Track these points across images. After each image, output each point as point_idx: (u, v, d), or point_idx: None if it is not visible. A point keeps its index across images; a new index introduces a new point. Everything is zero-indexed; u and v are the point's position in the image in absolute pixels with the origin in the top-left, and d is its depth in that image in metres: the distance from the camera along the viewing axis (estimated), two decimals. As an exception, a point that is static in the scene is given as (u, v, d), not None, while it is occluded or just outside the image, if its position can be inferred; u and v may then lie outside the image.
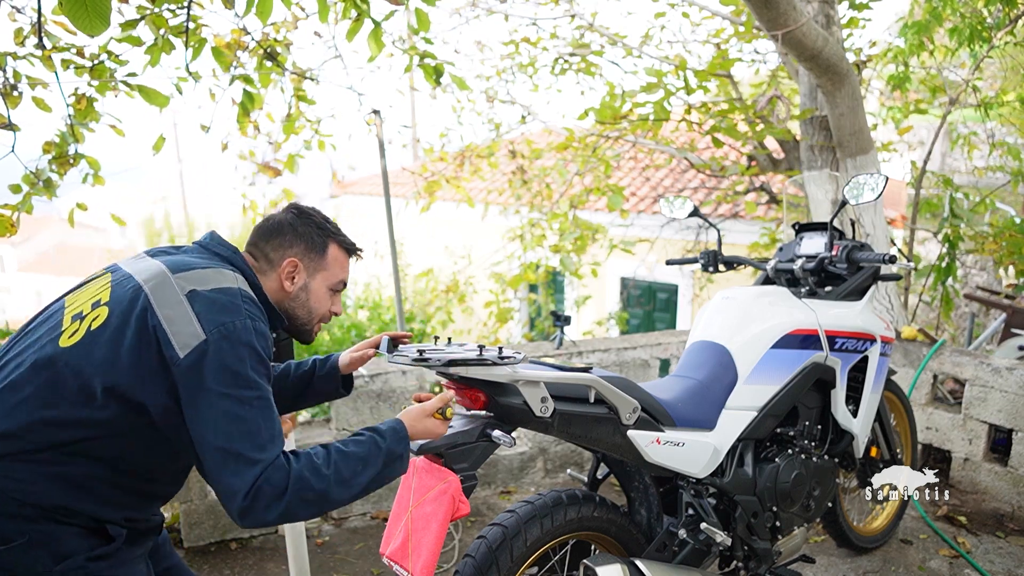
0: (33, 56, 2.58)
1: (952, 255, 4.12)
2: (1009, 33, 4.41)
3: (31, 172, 2.74)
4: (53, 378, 1.21)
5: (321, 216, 1.50)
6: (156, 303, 1.24)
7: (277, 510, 1.21)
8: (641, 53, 5.80)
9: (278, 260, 1.44)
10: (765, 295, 2.15)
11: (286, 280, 1.44)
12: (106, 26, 1.61)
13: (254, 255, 1.45)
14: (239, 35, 3.29)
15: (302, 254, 1.45)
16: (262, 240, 1.46)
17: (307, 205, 1.52)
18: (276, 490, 1.21)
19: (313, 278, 1.47)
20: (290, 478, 1.22)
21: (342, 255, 1.51)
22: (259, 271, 1.44)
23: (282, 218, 1.47)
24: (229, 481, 1.20)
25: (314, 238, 1.46)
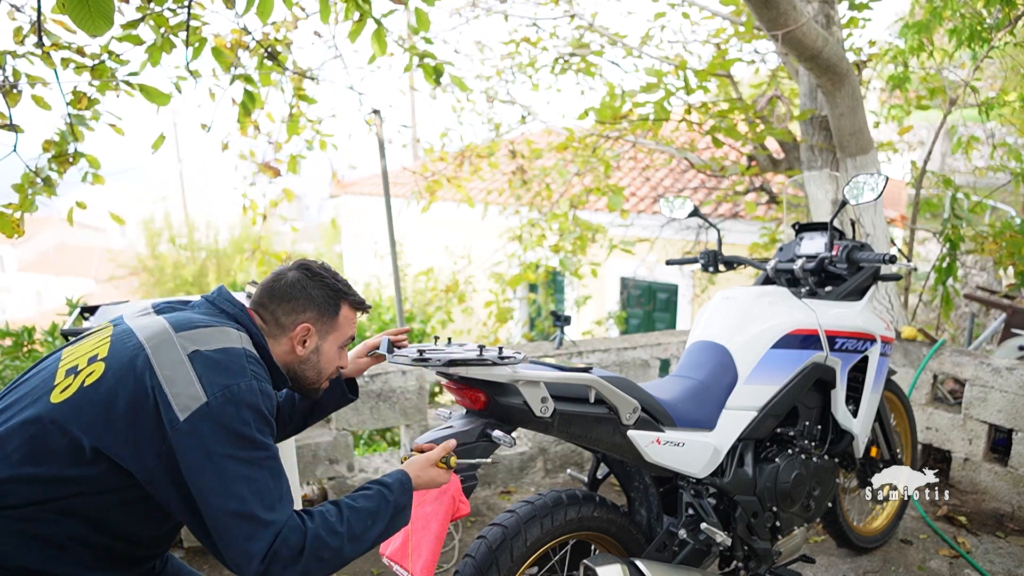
0: (32, 54, 2.58)
1: (952, 255, 4.12)
2: (1009, 33, 4.41)
3: (31, 170, 2.74)
4: (40, 434, 1.17)
5: (331, 275, 1.48)
6: (157, 363, 1.21)
7: (294, 571, 1.18)
8: (641, 53, 5.81)
9: (290, 325, 1.41)
10: (765, 295, 2.15)
11: (298, 345, 1.42)
12: (109, 26, 1.60)
13: (263, 317, 1.42)
14: (240, 35, 3.29)
15: (315, 319, 1.43)
16: (273, 303, 1.43)
17: (316, 262, 1.50)
18: (293, 551, 1.18)
19: (325, 340, 1.45)
20: (307, 538, 1.20)
21: (352, 313, 1.49)
22: (268, 334, 1.41)
23: (294, 279, 1.43)
24: (243, 546, 1.16)
25: (327, 301, 1.44)
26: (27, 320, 8.16)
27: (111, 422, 1.18)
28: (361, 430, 3.35)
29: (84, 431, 1.17)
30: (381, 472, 3.10)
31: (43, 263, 27.23)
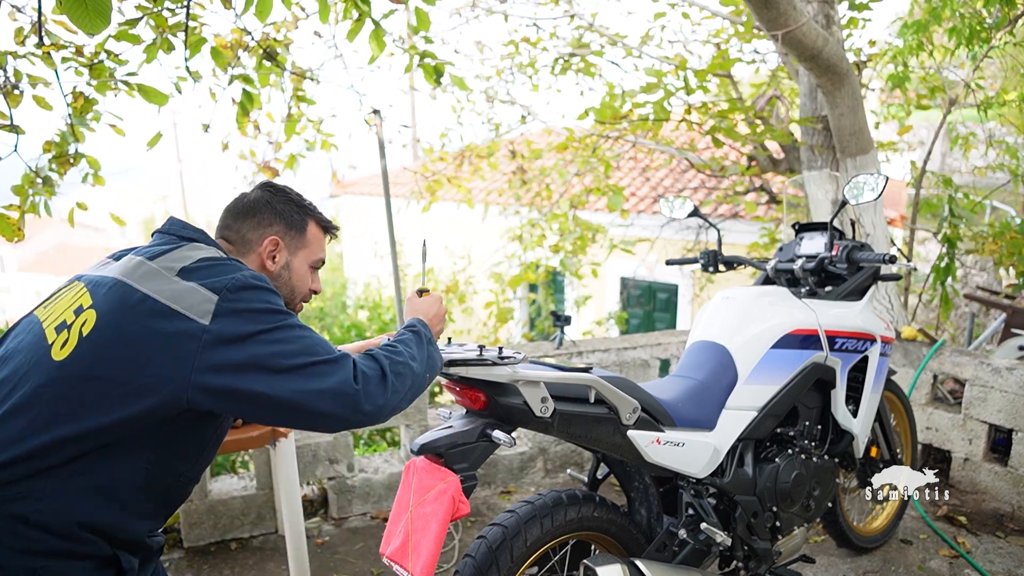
0: (33, 55, 2.58)
1: (952, 255, 4.12)
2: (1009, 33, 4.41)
3: (31, 171, 2.74)
4: (60, 394, 1.14)
5: (296, 193, 1.46)
6: (152, 291, 1.18)
7: (387, 388, 1.24)
8: (641, 53, 5.81)
9: (257, 240, 1.39)
10: (765, 295, 2.15)
11: (267, 259, 1.40)
12: (106, 24, 1.61)
13: (229, 238, 1.40)
14: (239, 35, 3.29)
15: (283, 232, 1.41)
16: (237, 221, 1.40)
17: (280, 183, 1.48)
18: (375, 372, 1.24)
19: (295, 256, 1.43)
20: (377, 358, 1.26)
21: (321, 233, 1.48)
22: (237, 254, 1.38)
23: (257, 196, 1.42)
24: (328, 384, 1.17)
25: (293, 216, 1.42)
26: (27, 320, 8.06)
27: (130, 359, 1.14)
28: (361, 430, 3.35)
29: (105, 375, 1.14)
30: (381, 472, 3.10)
31: (43, 263, 27.23)
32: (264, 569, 2.64)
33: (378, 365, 1.26)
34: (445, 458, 1.51)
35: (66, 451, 1.13)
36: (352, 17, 2.78)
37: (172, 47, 2.86)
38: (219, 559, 2.70)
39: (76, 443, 1.13)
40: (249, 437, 2.22)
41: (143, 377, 1.14)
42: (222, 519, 2.81)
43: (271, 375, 1.16)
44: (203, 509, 2.77)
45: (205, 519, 2.78)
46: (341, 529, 2.95)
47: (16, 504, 1.11)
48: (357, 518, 3.04)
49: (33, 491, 1.11)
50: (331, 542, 2.84)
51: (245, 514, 2.84)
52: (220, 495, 2.83)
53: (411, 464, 1.54)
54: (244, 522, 2.85)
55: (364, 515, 3.05)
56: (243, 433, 2.22)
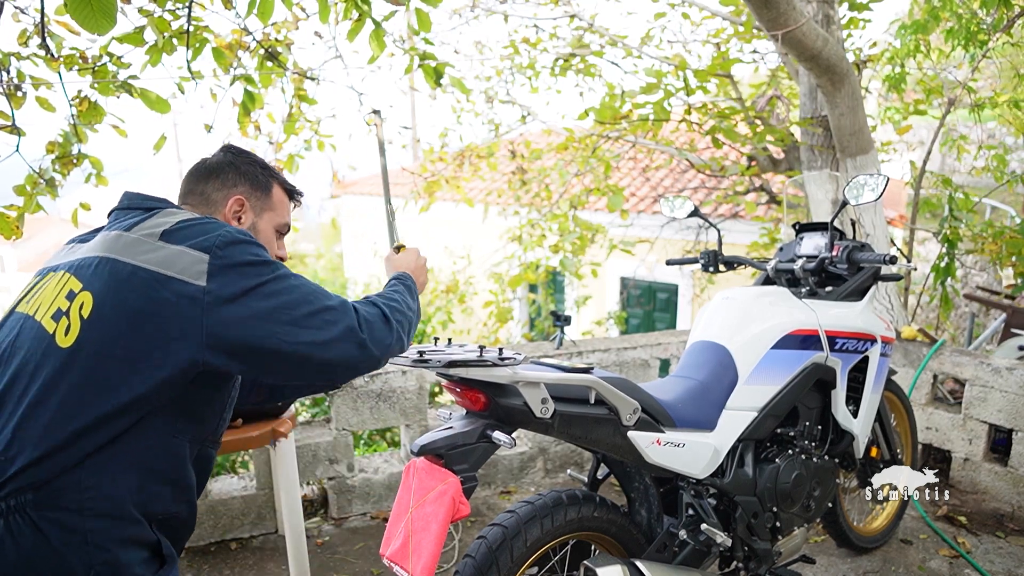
0: (36, 56, 2.58)
1: (952, 255, 4.12)
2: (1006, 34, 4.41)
3: (35, 172, 2.74)
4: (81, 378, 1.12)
5: (259, 157, 1.45)
6: (140, 260, 1.15)
7: (392, 331, 1.26)
8: (641, 54, 5.81)
9: (222, 200, 1.36)
10: (765, 295, 2.15)
11: (232, 220, 1.36)
12: (112, 24, 1.60)
13: (192, 202, 1.36)
14: (240, 35, 3.29)
15: (248, 192, 1.38)
16: (200, 183, 1.37)
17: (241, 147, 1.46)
18: (378, 315, 1.26)
19: (260, 218, 1.40)
20: (377, 304, 1.28)
21: (285, 198, 1.47)
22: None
23: (220, 158, 1.40)
24: (335, 333, 1.18)
25: (258, 176, 1.40)
26: (27, 320, 8.03)
27: (137, 333, 1.13)
28: (361, 430, 3.35)
29: (117, 353, 1.13)
30: (381, 472, 3.11)
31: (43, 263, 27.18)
32: (264, 569, 2.64)
33: (378, 309, 1.27)
34: (445, 459, 1.51)
35: (100, 434, 1.12)
36: (352, 17, 2.79)
37: (174, 49, 2.86)
38: (219, 559, 2.71)
39: (107, 424, 1.12)
40: (249, 437, 2.22)
41: (155, 347, 1.13)
42: (222, 519, 2.81)
43: (278, 328, 1.15)
44: (203, 509, 2.77)
45: (205, 519, 2.79)
46: (341, 529, 2.95)
47: (66, 497, 1.10)
48: (357, 518, 3.04)
49: (80, 480, 1.11)
50: (331, 542, 2.84)
51: (245, 514, 2.85)
52: (220, 495, 2.83)
53: (411, 465, 1.54)
54: (244, 522, 2.85)
55: (364, 515, 3.06)
56: (243, 433, 2.22)
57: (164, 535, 1.24)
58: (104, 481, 1.13)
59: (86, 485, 1.12)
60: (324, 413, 4.42)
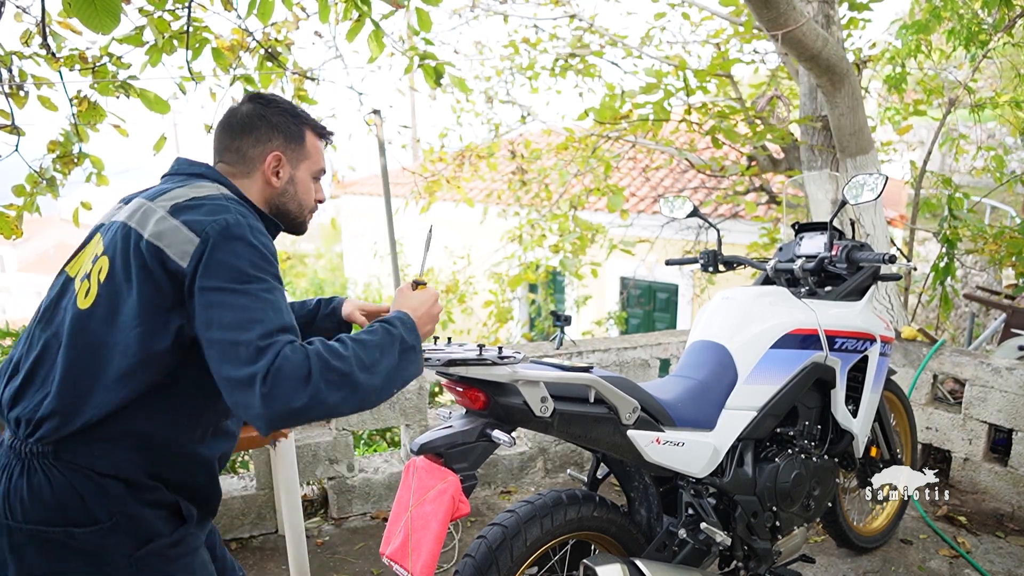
0: (38, 55, 2.59)
1: (951, 255, 4.12)
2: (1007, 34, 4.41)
3: (35, 172, 2.75)
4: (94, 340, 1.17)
5: (287, 102, 1.42)
6: (145, 231, 1.19)
7: (305, 392, 1.09)
8: (641, 54, 5.81)
9: (259, 157, 1.36)
10: (765, 295, 2.15)
11: (272, 176, 1.36)
12: (116, 24, 1.60)
13: (228, 160, 1.37)
14: (241, 35, 3.30)
15: (283, 146, 1.37)
16: (236, 140, 1.36)
17: (267, 92, 1.44)
18: (298, 369, 1.09)
19: (297, 169, 1.40)
20: (310, 356, 1.11)
21: (318, 141, 1.44)
22: (240, 175, 1.36)
23: (250, 110, 1.37)
24: (241, 372, 1.08)
25: (291, 127, 1.38)
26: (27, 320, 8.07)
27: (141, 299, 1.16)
28: (361, 430, 3.35)
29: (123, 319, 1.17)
30: (381, 472, 3.11)
31: (43, 263, 27.23)
32: (264, 569, 2.64)
33: (307, 366, 1.10)
34: (445, 458, 1.51)
35: (109, 398, 1.16)
36: (352, 17, 2.79)
37: (174, 49, 2.87)
38: (219, 559, 2.70)
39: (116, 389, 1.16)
40: (249, 437, 2.22)
41: (155, 315, 1.17)
42: (222, 519, 2.81)
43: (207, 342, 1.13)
44: (203, 509, 2.77)
45: (205, 519, 2.78)
46: (341, 529, 2.95)
47: (80, 457, 1.17)
48: (357, 518, 3.04)
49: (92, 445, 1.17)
50: (331, 542, 2.84)
51: (245, 514, 2.85)
52: (220, 495, 2.83)
53: (411, 464, 1.54)
54: (244, 522, 2.85)
55: (364, 515, 3.06)
56: (243, 433, 2.21)
57: (183, 497, 1.28)
58: (114, 445, 1.18)
59: (96, 446, 1.17)
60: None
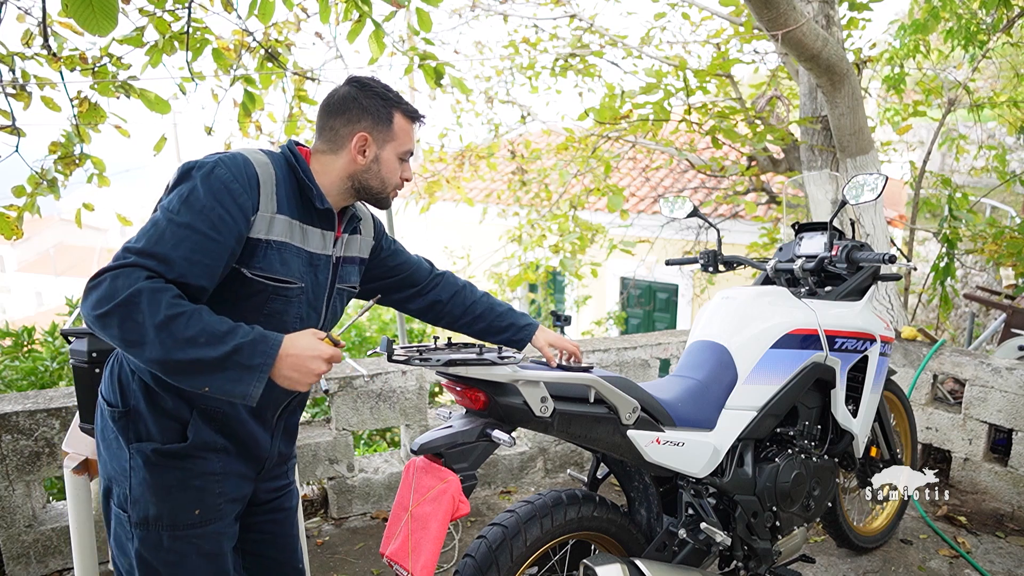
0: (40, 56, 2.59)
1: (951, 255, 4.12)
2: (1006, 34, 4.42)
3: (36, 172, 2.75)
4: None
5: (382, 86, 1.51)
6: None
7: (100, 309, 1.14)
8: (641, 54, 5.81)
9: (348, 136, 1.47)
10: (765, 295, 2.15)
11: (358, 154, 1.47)
12: (113, 25, 1.61)
13: (324, 138, 1.49)
14: (242, 36, 3.30)
15: (370, 127, 1.48)
16: (330, 119, 1.49)
17: (366, 76, 1.53)
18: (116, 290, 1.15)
19: (383, 149, 1.49)
20: (134, 289, 1.14)
21: (407, 123, 1.52)
22: (330, 151, 1.47)
23: (345, 93, 1.49)
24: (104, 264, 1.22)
25: (379, 110, 1.48)
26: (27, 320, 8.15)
27: None
28: (361, 430, 3.35)
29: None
30: (381, 472, 3.11)
31: (43, 263, 27.24)
32: (264, 569, 2.65)
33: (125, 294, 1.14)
34: (445, 458, 1.51)
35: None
36: (353, 18, 2.79)
37: (174, 50, 2.87)
38: (220, 559, 2.71)
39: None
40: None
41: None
42: (223, 519, 2.81)
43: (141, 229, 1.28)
44: (204, 509, 2.77)
45: (206, 519, 2.78)
46: (341, 529, 2.95)
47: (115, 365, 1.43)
48: (357, 518, 3.04)
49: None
50: (331, 542, 2.84)
51: (245, 514, 2.85)
52: (221, 495, 2.83)
53: (411, 464, 1.55)
54: (244, 522, 2.85)
55: (364, 515, 3.06)
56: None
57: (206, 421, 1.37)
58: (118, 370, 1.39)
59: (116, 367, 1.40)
60: (324, 413, 4.42)
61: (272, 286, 1.37)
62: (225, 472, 1.41)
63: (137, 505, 1.35)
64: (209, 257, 1.25)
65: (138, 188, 27.50)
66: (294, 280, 1.40)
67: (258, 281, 1.35)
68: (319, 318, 1.49)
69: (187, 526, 1.36)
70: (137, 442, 1.34)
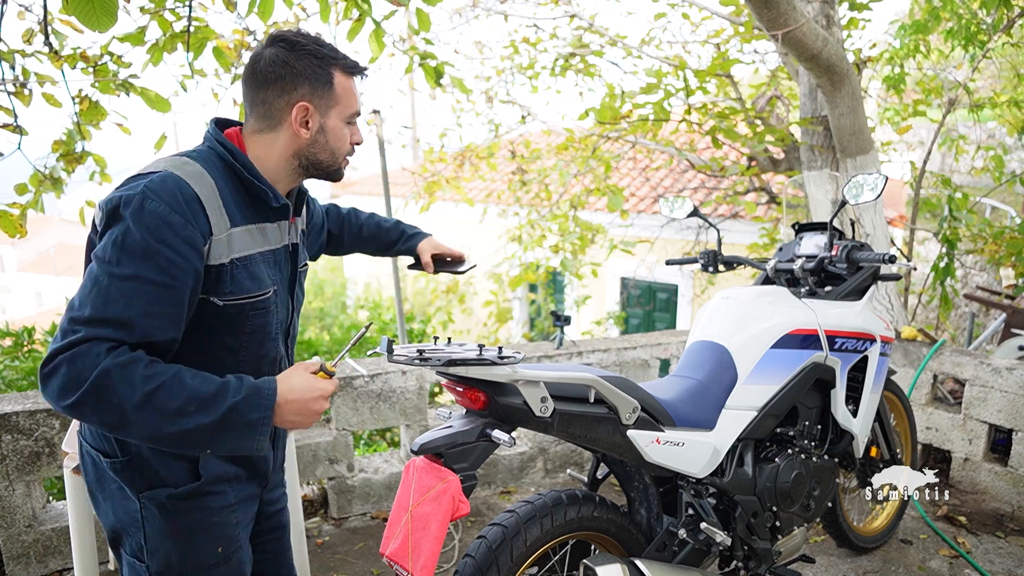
0: (41, 53, 2.59)
1: (951, 255, 4.12)
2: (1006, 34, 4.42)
3: (39, 171, 2.75)
4: None
5: (313, 41, 1.30)
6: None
7: (68, 400, 1.05)
8: (641, 54, 5.81)
9: (286, 108, 1.28)
10: (765, 295, 2.15)
11: (300, 128, 1.29)
12: (113, 22, 1.60)
13: (257, 115, 1.30)
14: (243, 35, 3.30)
15: (309, 94, 1.28)
16: (260, 90, 1.28)
17: (291, 31, 1.31)
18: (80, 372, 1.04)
19: (327, 116, 1.31)
20: (96, 371, 1.04)
21: (348, 80, 1.33)
22: (268, 129, 1.29)
23: (273, 56, 1.27)
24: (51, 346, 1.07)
25: (316, 72, 1.28)
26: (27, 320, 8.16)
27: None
28: (361, 430, 3.35)
29: None
30: (381, 472, 3.11)
31: (43, 263, 27.24)
32: (264, 569, 2.65)
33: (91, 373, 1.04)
34: (445, 458, 1.51)
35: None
36: (352, 17, 2.79)
37: (175, 48, 2.87)
38: (219, 559, 2.70)
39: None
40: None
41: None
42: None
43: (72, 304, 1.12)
44: (203, 509, 2.77)
45: (205, 519, 2.78)
46: (341, 529, 2.95)
47: None
48: (357, 518, 3.04)
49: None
50: (331, 542, 2.84)
51: (245, 514, 2.85)
52: (220, 495, 2.83)
53: (411, 464, 1.54)
54: (244, 522, 2.85)
55: (364, 515, 3.06)
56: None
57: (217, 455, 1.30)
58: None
59: None
60: (325, 414, 4.42)
61: (248, 304, 1.27)
62: (239, 500, 1.36)
63: (156, 555, 1.27)
64: (169, 306, 1.12)
65: (138, 188, 27.40)
66: (267, 289, 1.30)
67: (233, 305, 1.24)
68: (288, 312, 1.42)
69: (212, 566, 1.31)
70: (148, 490, 1.24)
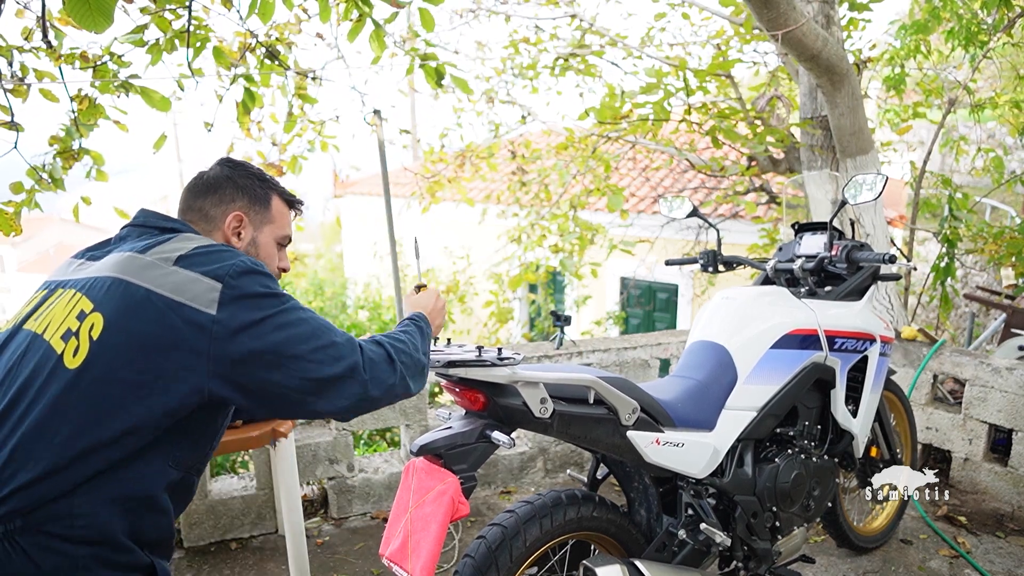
0: (39, 49, 2.59)
1: (951, 255, 4.12)
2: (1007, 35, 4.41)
3: (35, 168, 2.74)
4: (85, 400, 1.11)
5: (256, 168, 1.43)
6: (154, 285, 1.15)
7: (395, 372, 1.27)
8: (641, 54, 5.81)
9: (220, 216, 1.35)
10: (765, 295, 2.15)
11: (232, 236, 1.36)
12: (109, 23, 1.60)
13: (191, 219, 1.35)
14: (245, 37, 3.30)
15: (246, 207, 1.37)
16: (199, 199, 1.36)
17: (235, 158, 1.45)
18: (380, 355, 1.27)
19: (260, 232, 1.39)
20: (384, 345, 1.29)
21: (285, 208, 1.44)
22: (202, 234, 1.33)
23: (217, 172, 1.38)
24: (339, 368, 1.19)
25: (256, 190, 1.39)
26: (28, 320, 8.02)
27: (145, 358, 1.12)
28: (361, 430, 3.35)
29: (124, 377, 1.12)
30: (381, 472, 3.11)
31: (43, 263, 27.24)
32: (264, 569, 2.65)
33: (383, 350, 1.28)
34: (444, 459, 1.51)
35: (98, 460, 1.10)
36: (352, 17, 2.79)
37: (175, 47, 2.87)
38: (219, 559, 2.71)
39: (107, 449, 1.11)
40: (249, 437, 2.22)
41: (161, 374, 1.13)
42: (222, 519, 2.81)
43: (285, 362, 1.17)
44: (203, 509, 2.78)
45: (205, 519, 2.79)
46: (341, 529, 2.95)
47: (57, 524, 1.08)
48: (357, 518, 3.04)
49: (72, 508, 1.09)
50: (331, 542, 2.84)
51: (245, 514, 2.85)
52: (220, 495, 2.83)
53: (411, 465, 1.55)
54: (244, 522, 2.85)
55: (364, 515, 3.06)
56: (243, 433, 2.22)
57: (157, 556, 1.23)
58: (97, 509, 1.11)
59: (78, 513, 1.10)
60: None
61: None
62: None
63: None
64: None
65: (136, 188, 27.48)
66: None
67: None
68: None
69: None
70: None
